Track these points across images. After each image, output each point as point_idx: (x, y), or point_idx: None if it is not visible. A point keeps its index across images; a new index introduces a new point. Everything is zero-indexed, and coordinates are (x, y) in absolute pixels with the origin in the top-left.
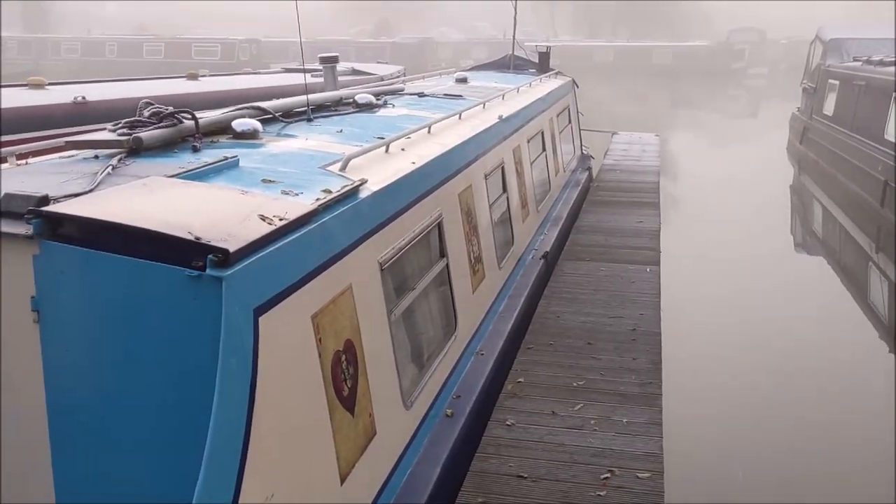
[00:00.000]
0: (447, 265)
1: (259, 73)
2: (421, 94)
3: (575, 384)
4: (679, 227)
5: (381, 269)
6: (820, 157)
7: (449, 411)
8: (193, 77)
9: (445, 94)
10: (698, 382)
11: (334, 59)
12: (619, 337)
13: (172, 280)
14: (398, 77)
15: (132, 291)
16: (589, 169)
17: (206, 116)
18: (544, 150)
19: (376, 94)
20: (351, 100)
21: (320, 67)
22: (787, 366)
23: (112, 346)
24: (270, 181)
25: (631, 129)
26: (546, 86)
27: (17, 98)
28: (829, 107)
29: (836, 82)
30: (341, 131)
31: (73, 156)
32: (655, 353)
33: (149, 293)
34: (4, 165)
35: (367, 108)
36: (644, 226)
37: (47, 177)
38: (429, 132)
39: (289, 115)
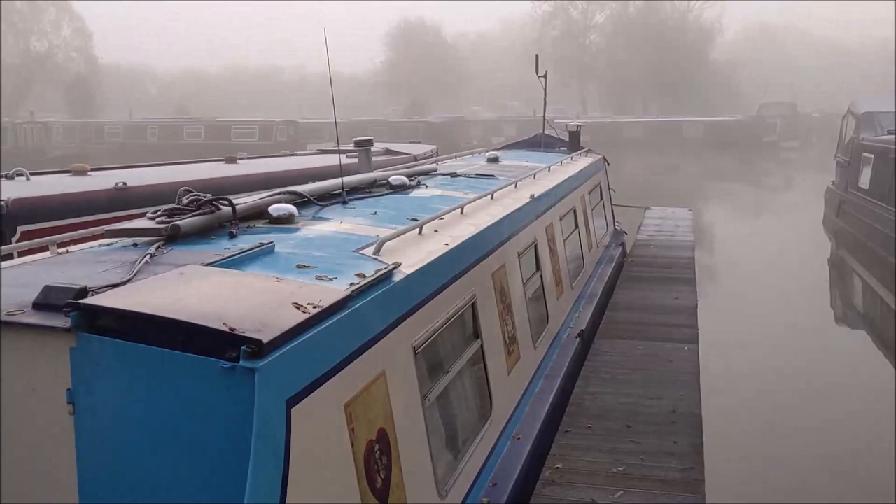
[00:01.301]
0: (482, 346)
1: (296, 154)
2: (453, 175)
3: (615, 470)
4: (716, 303)
5: (415, 354)
6: (857, 231)
7: (485, 500)
8: (232, 160)
9: (477, 174)
10: (742, 466)
11: (369, 143)
12: (658, 419)
13: (206, 371)
14: (431, 156)
15: (166, 383)
16: (622, 244)
17: (244, 202)
18: (577, 227)
19: (409, 175)
20: (385, 181)
21: (355, 149)
22: (832, 444)
23: (145, 438)
24: (305, 266)
25: (663, 204)
26: (577, 164)
27: (60, 184)
28: (865, 180)
29: (871, 156)
30: (375, 213)
31: (112, 244)
32: (696, 435)
33: (183, 385)
34: (45, 254)
35: (401, 189)
36: (680, 302)
37: (86, 266)
38: (461, 213)
39: (324, 198)
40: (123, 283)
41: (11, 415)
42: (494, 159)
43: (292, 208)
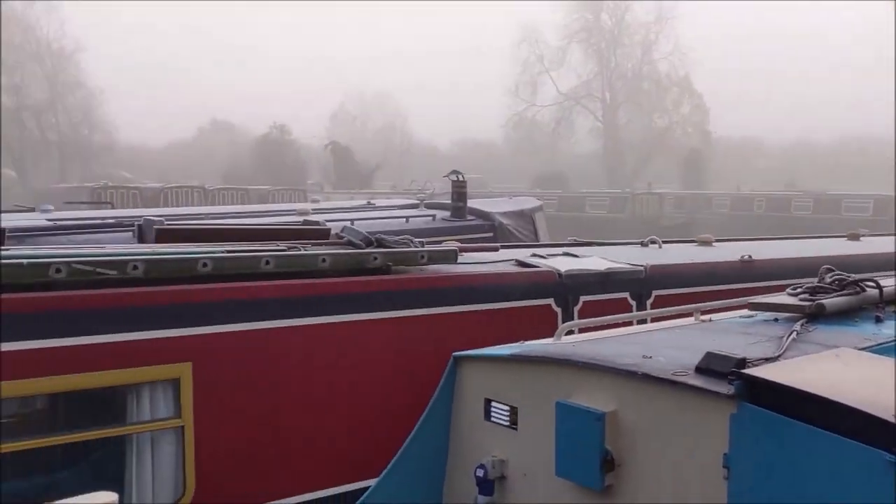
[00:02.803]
0: None
1: None
2: None
3: None
4: None
5: None
6: None
7: None
8: (854, 237)
9: None
10: None
11: None
12: None
13: (866, 462)
14: None
15: (819, 465)
16: None
17: (890, 286)
18: None
19: None
20: None
21: None
22: None
23: None
24: None
25: None
26: None
27: (688, 253)
28: None
29: None
30: None
31: (751, 316)
32: None
33: (837, 470)
34: (690, 319)
35: None
36: None
37: (733, 336)
38: None
39: None
40: (776, 358)
41: (669, 467)
42: None
43: None
